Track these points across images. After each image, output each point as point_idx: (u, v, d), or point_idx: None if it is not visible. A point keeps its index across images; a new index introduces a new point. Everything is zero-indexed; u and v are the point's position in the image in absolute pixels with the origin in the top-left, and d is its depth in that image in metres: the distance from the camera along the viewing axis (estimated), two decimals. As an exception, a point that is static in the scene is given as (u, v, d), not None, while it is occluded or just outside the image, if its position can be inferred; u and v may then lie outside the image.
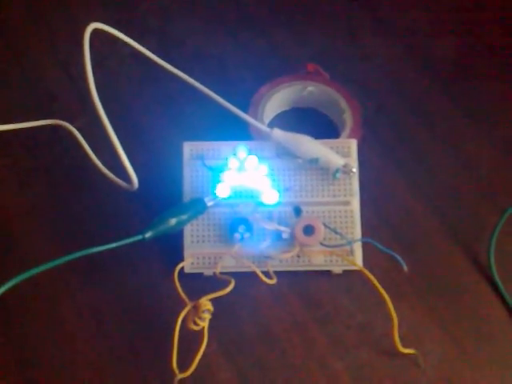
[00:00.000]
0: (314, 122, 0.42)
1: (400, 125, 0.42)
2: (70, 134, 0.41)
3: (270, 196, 0.35)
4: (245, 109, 0.40)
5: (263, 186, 0.36)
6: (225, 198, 0.35)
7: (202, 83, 0.38)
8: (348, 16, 0.47)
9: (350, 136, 0.40)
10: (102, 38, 0.36)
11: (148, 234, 0.33)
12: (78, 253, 0.31)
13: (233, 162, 0.36)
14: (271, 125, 0.42)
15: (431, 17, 0.47)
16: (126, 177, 0.35)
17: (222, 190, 0.35)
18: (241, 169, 0.36)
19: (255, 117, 0.40)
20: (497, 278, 0.36)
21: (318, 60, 0.43)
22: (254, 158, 0.36)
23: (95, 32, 0.35)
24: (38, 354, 0.34)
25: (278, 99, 0.42)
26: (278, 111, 0.43)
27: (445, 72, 0.45)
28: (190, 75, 0.38)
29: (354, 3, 0.48)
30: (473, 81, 0.44)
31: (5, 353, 0.34)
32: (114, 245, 0.32)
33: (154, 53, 0.38)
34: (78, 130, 0.41)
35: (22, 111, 0.43)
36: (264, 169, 0.36)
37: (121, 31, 0.37)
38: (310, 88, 0.42)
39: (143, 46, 0.38)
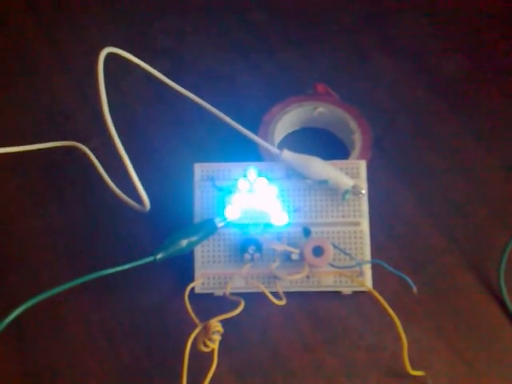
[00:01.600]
0: (323, 142, 0.43)
1: (409, 145, 0.43)
2: (84, 154, 0.42)
3: (280, 218, 0.36)
4: (255, 129, 0.40)
5: (273, 207, 0.36)
6: (235, 220, 0.36)
7: (213, 104, 0.39)
8: (357, 36, 0.48)
9: (360, 156, 0.40)
10: (116, 60, 0.36)
11: (159, 256, 0.33)
12: (90, 275, 0.31)
13: (243, 184, 0.36)
14: (281, 145, 0.42)
15: (439, 37, 0.48)
16: (138, 197, 0.35)
17: (232, 213, 0.36)
18: (251, 191, 0.36)
19: (265, 137, 0.41)
20: (507, 298, 0.36)
21: (328, 80, 0.43)
22: (263, 180, 0.36)
23: (109, 54, 0.35)
24: (49, 374, 0.35)
25: (288, 120, 0.42)
26: (288, 131, 0.44)
27: (453, 92, 0.45)
28: (202, 96, 0.39)
29: (363, 24, 0.48)
30: (481, 100, 0.44)
31: (17, 372, 0.35)
32: (125, 266, 0.32)
33: (166, 73, 0.39)
34: (92, 150, 0.42)
35: (37, 132, 0.44)
36: (274, 190, 0.36)
37: (134, 52, 0.37)
38: (319, 109, 0.42)
39: (156, 66, 0.39)
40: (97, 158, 0.41)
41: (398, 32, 0.48)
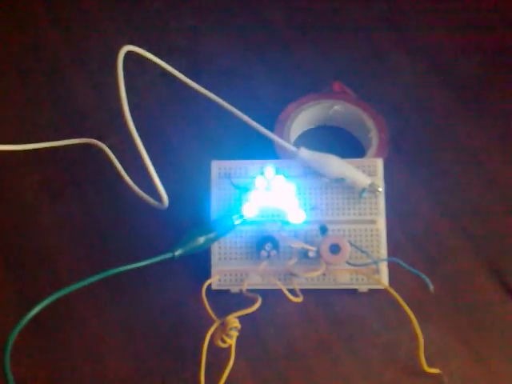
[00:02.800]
0: (339, 140, 0.43)
1: (426, 143, 0.43)
2: (102, 151, 0.42)
3: (297, 216, 0.36)
4: (271, 126, 0.41)
5: (290, 205, 0.36)
6: (251, 217, 0.36)
7: (229, 102, 0.39)
8: (374, 35, 0.48)
9: (376, 154, 0.40)
10: (132, 58, 0.36)
11: (177, 252, 0.33)
12: (108, 271, 0.32)
13: (260, 182, 0.36)
14: (297, 143, 0.43)
15: (456, 34, 0.47)
16: (155, 194, 0.36)
17: (249, 210, 0.36)
18: (268, 188, 0.36)
19: (281, 134, 0.41)
20: (523, 298, 0.36)
21: (344, 78, 0.43)
22: (281, 178, 0.36)
23: (126, 53, 0.36)
24: (68, 370, 0.35)
25: (305, 117, 0.43)
26: (304, 129, 0.44)
27: (470, 91, 0.45)
28: (218, 94, 0.39)
29: (381, 23, 0.48)
30: (497, 100, 0.44)
31: (36, 368, 0.35)
32: (144, 263, 0.33)
33: (183, 72, 0.39)
34: (110, 147, 0.42)
35: (55, 129, 0.44)
36: (291, 188, 0.36)
37: (150, 50, 0.38)
38: (336, 107, 0.42)
39: (172, 64, 0.39)
40: (114, 155, 0.42)
41: (416, 31, 0.48)
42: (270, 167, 0.37)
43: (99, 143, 0.42)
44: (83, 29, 0.50)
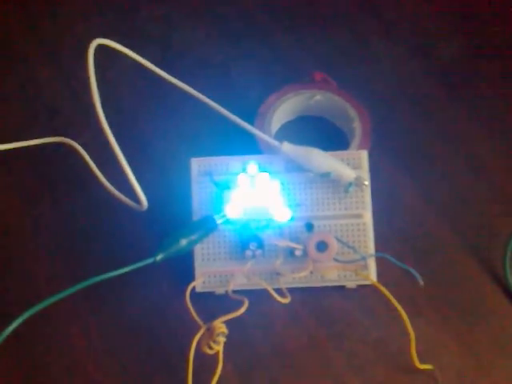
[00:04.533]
0: (322, 130, 0.42)
1: (410, 131, 0.42)
2: (75, 151, 0.40)
3: (282, 214, 0.35)
4: (251, 118, 0.39)
5: (275, 203, 0.35)
6: (235, 216, 0.35)
7: (207, 94, 0.37)
8: (354, 20, 0.47)
9: (360, 144, 0.39)
10: (103, 50, 0.35)
11: (159, 257, 0.32)
12: (89, 280, 0.30)
13: (242, 180, 0.35)
14: (278, 135, 0.41)
15: (437, 20, 0.47)
16: (133, 195, 0.34)
17: (232, 209, 0.34)
18: (251, 186, 0.35)
19: (262, 127, 0.40)
20: (513, 288, 0.36)
21: (325, 67, 0.42)
22: (264, 175, 0.35)
23: (97, 45, 0.34)
24: (49, 380, 0.34)
25: (286, 109, 0.41)
26: (286, 120, 0.42)
27: (453, 76, 0.44)
28: (195, 86, 0.37)
29: (360, 9, 0.47)
30: (481, 84, 0.43)
31: (16, 377, 0.34)
32: (125, 269, 0.31)
33: (157, 63, 0.38)
34: (83, 146, 0.40)
35: (24, 128, 0.42)
36: (275, 185, 0.35)
37: (122, 41, 0.36)
38: (317, 97, 0.41)
39: (146, 55, 0.37)
40: (88, 153, 0.40)
41: (396, 16, 0.47)
42: (252, 164, 0.35)
43: (72, 142, 0.41)
44: (52, 21, 0.48)
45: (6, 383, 0.34)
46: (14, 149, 0.41)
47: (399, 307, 0.33)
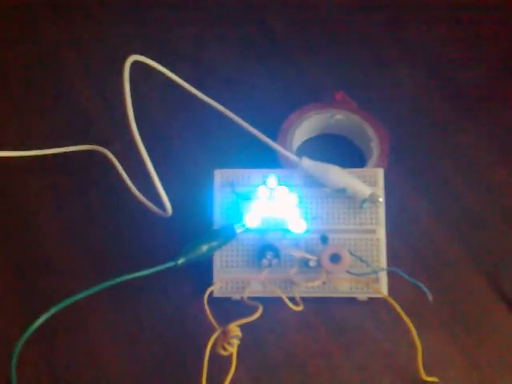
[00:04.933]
0: (341, 148, 0.43)
1: (426, 153, 0.43)
2: (107, 158, 0.42)
3: (298, 225, 0.36)
4: (273, 135, 0.41)
5: (292, 215, 0.37)
6: (253, 226, 0.36)
7: (232, 110, 0.39)
8: (376, 43, 0.48)
9: (377, 163, 0.41)
10: (139, 65, 0.37)
11: (180, 261, 0.34)
12: (113, 280, 0.32)
13: (262, 191, 0.37)
14: (300, 150, 0.43)
15: (458, 45, 0.48)
16: (159, 202, 0.36)
17: (251, 219, 0.36)
18: (270, 198, 0.37)
19: (284, 143, 0.42)
20: (521, 308, 0.37)
21: (346, 88, 0.44)
22: (283, 188, 0.37)
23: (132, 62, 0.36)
24: (72, 376, 0.36)
25: (307, 126, 0.43)
26: (307, 137, 0.44)
27: (472, 101, 0.45)
28: (222, 102, 0.39)
29: (382, 32, 0.49)
30: (499, 111, 0.44)
31: (41, 374, 0.36)
32: (147, 271, 0.33)
33: (187, 79, 0.39)
34: (115, 154, 0.42)
35: (62, 136, 0.44)
36: (293, 198, 0.37)
37: (155, 58, 0.38)
38: (337, 116, 0.43)
39: (177, 72, 0.39)
40: (119, 161, 0.42)
41: (417, 40, 0.48)
42: (272, 177, 0.37)
43: (104, 150, 0.43)
44: (90, 38, 0.50)
45: (33, 377, 0.36)
46: (52, 154, 0.43)
47: (407, 320, 0.34)
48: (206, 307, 0.35)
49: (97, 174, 0.43)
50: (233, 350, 0.33)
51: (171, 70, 0.39)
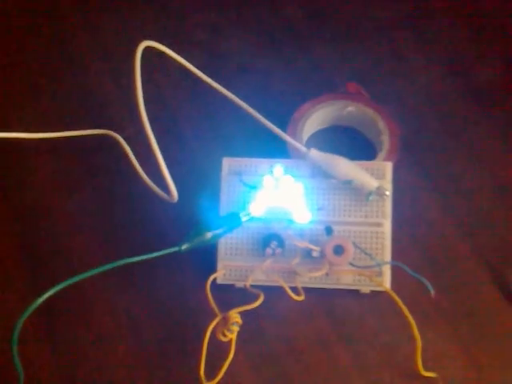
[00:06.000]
0: (351, 140, 0.43)
1: (437, 148, 0.43)
2: (118, 143, 0.43)
3: (303, 216, 0.36)
4: (284, 124, 0.41)
5: (297, 205, 0.37)
6: (259, 215, 0.37)
7: (244, 98, 0.39)
8: (393, 36, 0.48)
9: (387, 157, 0.41)
10: (153, 52, 0.37)
11: (184, 246, 0.34)
12: (118, 261, 0.33)
13: (268, 181, 0.37)
14: (310, 141, 0.43)
15: (476, 41, 0.47)
16: (167, 188, 0.37)
17: (257, 208, 0.36)
18: (276, 187, 0.37)
19: (295, 133, 0.42)
20: (525, 308, 0.36)
21: (360, 79, 0.44)
22: (289, 178, 0.37)
23: (147, 47, 0.36)
24: (74, 353, 0.36)
25: (318, 117, 0.43)
26: (318, 128, 0.44)
27: (486, 97, 0.45)
28: (234, 90, 0.39)
29: (399, 24, 0.48)
30: (515, 107, 0.44)
31: (43, 350, 0.37)
32: (152, 255, 0.33)
33: (201, 67, 0.40)
34: (126, 139, 0.43)
35: (73, 119, 0.45)
36: (299, 188, 0.37)
37: (169, 44, 0.38)
38: (349, 108, 0.43)
39: (191, 59, 0.39)
40: (130, 146, 0.43)
41: (435, 34, 0.48)
42: (278, 167, 0.37)
43: (115, 134, 0.43)
44: (107, 22, 0.50)
45: (35, 354, 0.36)
46: (64, 137, 0.43)
47: (408, 315, 0.34)
48: (209, 293, 0.35)
49: (108, 158, 0.43)
50: (232, 336, 0.34)
51: (186, 57, 0.39)
